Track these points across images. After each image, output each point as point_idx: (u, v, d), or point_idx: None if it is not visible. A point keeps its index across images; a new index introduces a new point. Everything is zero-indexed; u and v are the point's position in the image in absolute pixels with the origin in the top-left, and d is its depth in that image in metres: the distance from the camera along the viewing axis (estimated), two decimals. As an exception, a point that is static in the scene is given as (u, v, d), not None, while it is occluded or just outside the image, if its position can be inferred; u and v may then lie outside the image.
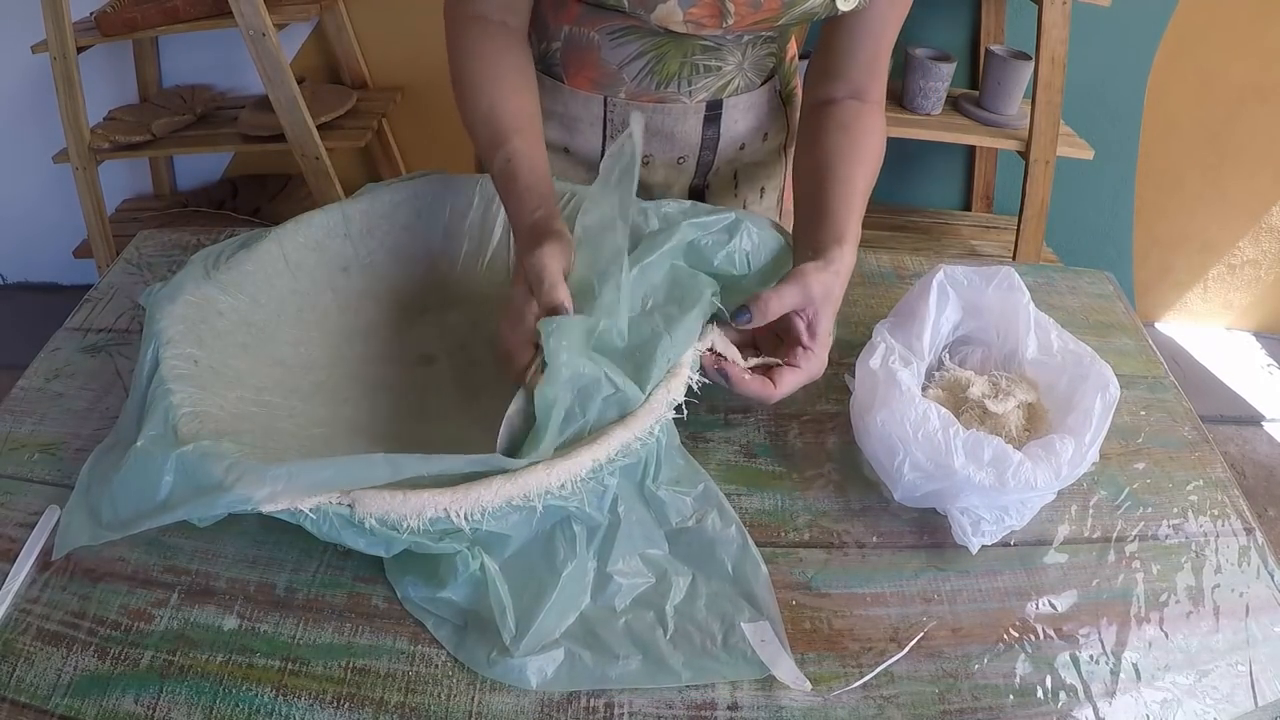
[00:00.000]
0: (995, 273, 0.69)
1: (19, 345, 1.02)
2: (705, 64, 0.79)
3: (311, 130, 1.68)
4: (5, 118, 1.98)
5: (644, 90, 0.80)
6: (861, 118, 0.76)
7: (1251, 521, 0.64)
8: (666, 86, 0.80)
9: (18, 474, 0.62)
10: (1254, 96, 1.90)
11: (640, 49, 0.78)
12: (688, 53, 0.78)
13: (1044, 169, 1.66)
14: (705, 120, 0.83)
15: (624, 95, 0.81)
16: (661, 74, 0.79)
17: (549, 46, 0.82)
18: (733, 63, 0.80)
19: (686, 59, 0.78)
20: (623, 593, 0.55)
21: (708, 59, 0.79)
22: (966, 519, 0.58)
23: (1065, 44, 1.55)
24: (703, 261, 0.67)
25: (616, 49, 0.78)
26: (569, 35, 0.79)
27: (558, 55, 0.81)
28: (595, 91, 0.82)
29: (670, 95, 0.81)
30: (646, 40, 0.77)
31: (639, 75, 0.79)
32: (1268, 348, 2.23)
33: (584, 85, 0.82)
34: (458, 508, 0.51)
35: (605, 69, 0.80)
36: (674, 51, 0.78)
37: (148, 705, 0.49)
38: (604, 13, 0.75)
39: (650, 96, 0.81)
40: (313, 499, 0.50)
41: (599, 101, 0.82)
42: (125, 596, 0.54)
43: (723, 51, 0.79)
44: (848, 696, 0.51)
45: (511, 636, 0.51)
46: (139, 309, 0.79)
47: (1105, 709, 0.51)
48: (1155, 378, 0.78)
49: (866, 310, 0.82)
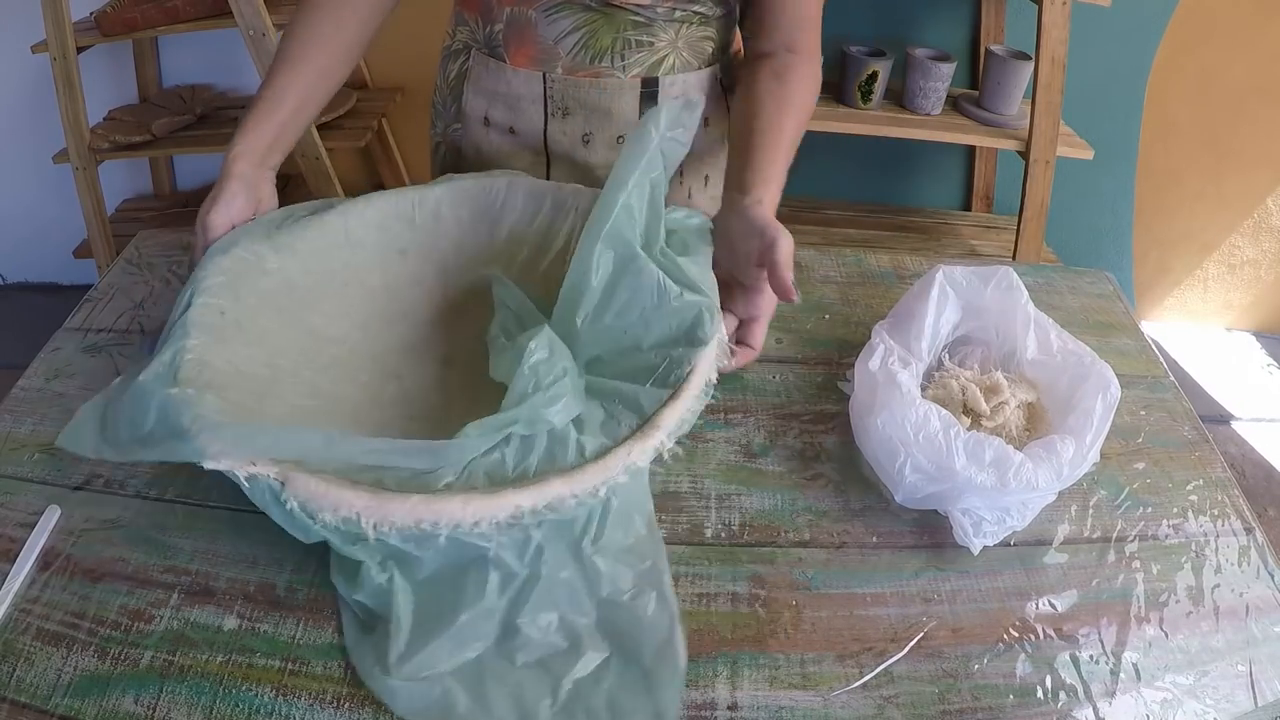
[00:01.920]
0: (994, 273, 0.69)
1: (19, 345, 1.02)
2: (637, 39, 0.82)
3: (311, 130, 1.68)
4: (5, 118, 1.98)
5: (579, 65, 0.83)
6: (792, 67, 0.80)
7: (1251, 521, 0.64)
8: (600, 60, 0.83)
9: (18, 474, 0.62)
10: (1254, 96, 1.90)
11: (574, 24, 0.81)
12: (620, 28, 0.81)
13: (1044, 169, 1.66)
14: (642, 97, 0.85)
15: (561, 70, 0.84)
16: (595, 48, 0.82)
17: (493, 29, 0.85)
18: (665, 40, 0.83)
19: (619, 34, 0.81)
20: (528, 649, 0.51)
21: (640, 34, 0.82)
22: (968, 520, 0.58)
23: (1065, 44, 1.55)
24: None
25: (552, 25, 0.81)
26: (510, 16, 0.83)
27: (500, 36, 0.85)
28: (534, 68, 0.84)
29: (605, 70, 0.83)
30: (579, 16, 0.81)
31: (573, 50, 0.82)
32: (1268, 348, 2.23)
33: (523, 63, 0.85)
34: (370, 515, 0.49)
35: (542, 45, 0.83)
36: (606, 27, 0.81)
37: (148, 705, 0.49)
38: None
39: (586, 71, 0.84)
40: (252, 467, 0.50)
41: (538, 78, 0.85)
42: (125, 596, 0.54)
43: (654, 28, 0.82)
44: (848, 696, 0.51)
45: (398, 656, 0.49)
46: (139, 309, 0.79)
47: (1105, 709, 0.51)
48: (1155, 378, 0.78)
49: (866, 310, 0.82)
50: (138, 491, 0.61)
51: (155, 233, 0.90)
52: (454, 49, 0.91)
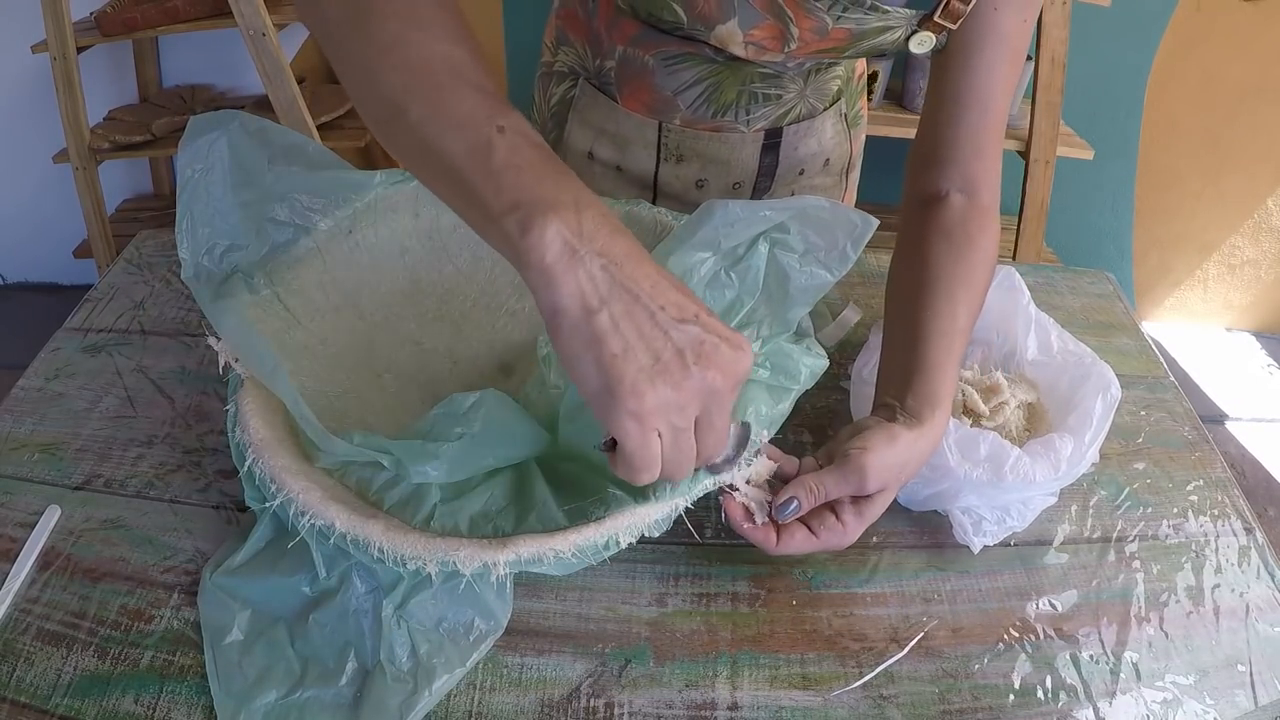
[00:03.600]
0: (995, 273, 0.69)
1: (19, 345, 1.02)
2: (764, 92, 0.75)
3: (311, 130, 1.68)
4: (5, 118, 1.98)
5: (700, 118, 0.78)
6: (970, 223, 0.63)
7: (1251, 521, 0.64)
8: (723, 115, 0.77)
9: (18, 474, 0.62)
10: (1254, 96, 1.90)
11: (696, 76, 0.74)
12: (745, 80, 0.74)
13: (1044, 169, 1.66)
14: (764, 149, 0.80)
15: (679, 122, 0.78)
16: (718, 103, 0.76)
17: (603, 64, 0.79)
18: (794, 90, 0.77)
19: (744, 87, 0.75)
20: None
21: (767, 87, 0.75)
22: (968, 519, 0.58)
23: (1065, 44, 1.56)
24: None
25: (671, 75, 0.75)
26: (623, 56, 0.76)
27: (612, 74, 0.78)
28: (649, 116, 0.79)
29: (727, 124, 0.78)
30: (703, 67, 0.73)
31: (694, 103, 0.76)
32: (1268, 348, 2.23)
33: (638, 108, 0.79)
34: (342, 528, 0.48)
35: (660, 94, 0.77)
36: (731, 79, 0.74)
37: (148, 705, 0.49)
38: (660, 35, 0.72)
39: (706, 125, 0.78)
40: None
41: (653, 126, 0.79)
42: (125, 596, 0.54)
43: (783, 79, 0.75)
44: (848, 696, 0.51)
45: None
46: (139, 309, 0.79)
47: (1105, 709, 0.51)
48: (1155, 378, 0.77)
49: (868, 311, 0.82)
50: (138, 491, 0.61)
51: (155, 233, 0.89)
52: (558, 70, 0.84)
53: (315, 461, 0.53)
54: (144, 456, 0.64)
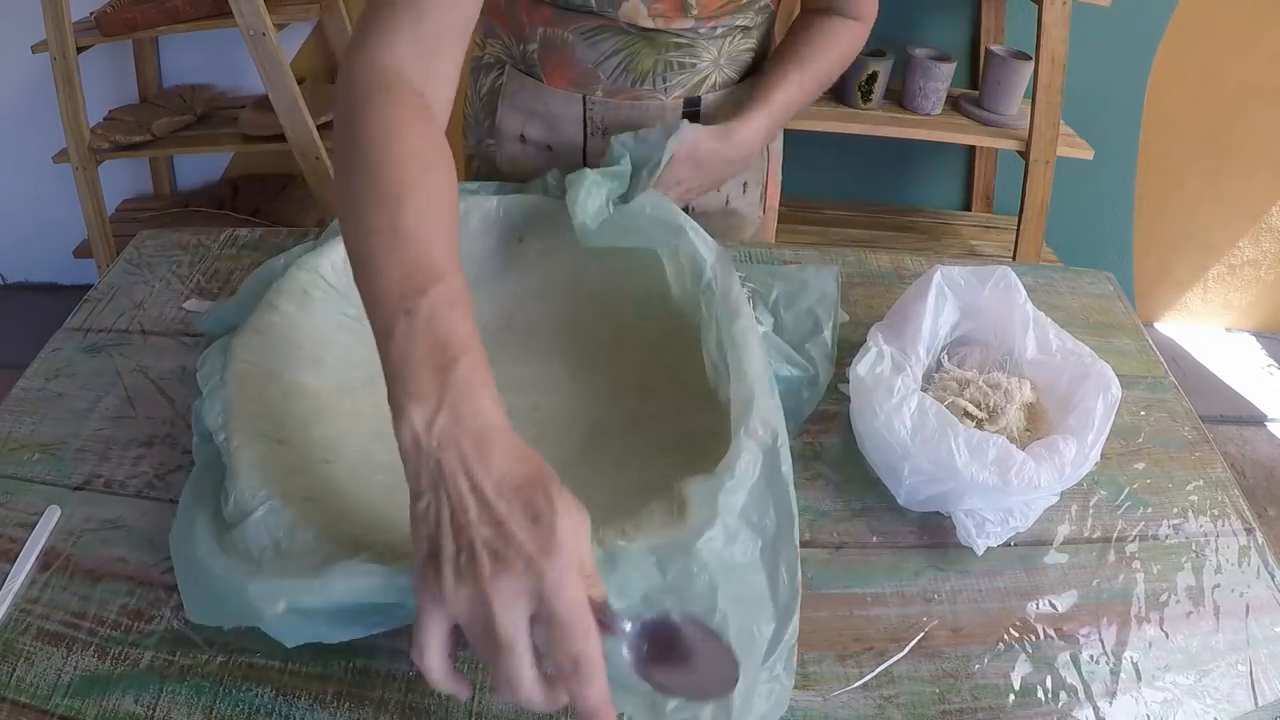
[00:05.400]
0: (992, 273, 0.69)
1: (19, 345, 1.02)
2: (680, 60, 0.80)
3: (312, 130, 1.68)
4: (5, 118, 1.98)
5: (620, 88, 0.82)
6: (835, 22, 0.83)
7: (1251, 521, 0.64)
8: (642, 84, 0.81)
9: (18, 474, 0.62)
10: (1254, 96, 1.90)
11: (614, 47, 0.78)
12: (661, 50, 0.79)
13: (1044, 169, 1.66)
14: (684, 117, 0.83)
15: (601, 93, 0.82)
16: (636, 72, 0.80)
17: (526, 48, 0.83)
18: (708, 59, 0.81)
19: (660, 56, 0.79)
20: None
21: (682, 56, 0.79)
22: (971, 521, 0.58)
23: (1065, 44, 1.55)
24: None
25: (590, 48, 0.79)
26: (544, 36, 0.80)
27: (535, 56, 0.82)
28: (573, 90, 0.83)
29: (646, 93, 0.82)
30: (619, 38, 0.78)
31: (613, 73, 0.80)
32: (1268, 348, 2.23)
33: (561, 84, 0.83)
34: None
35: (581, 68, 0.81)
36: (647, 49, 0.79)
37: (148, 705, 0.49)
38: (574, 14, 0.77)
39: (626, 94, 0.82)
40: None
41: (578, 100, 0.83)
42: (125, 596, 0.54)
43: (696, 48, 0.79)
44: (848, 696, 0.51)
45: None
46: (139, 309, 0.79)
47: (1105, 709, 0.51)
48: (1155, 378, 0.77)
49: (867, 311, 0.82)
50: (138, 491, 0.61)
51: (155, 233, 0.89)
52: (486, 62, 0.88)
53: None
54: (144, 456, 0.64)
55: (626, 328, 0.71)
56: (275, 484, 0.51)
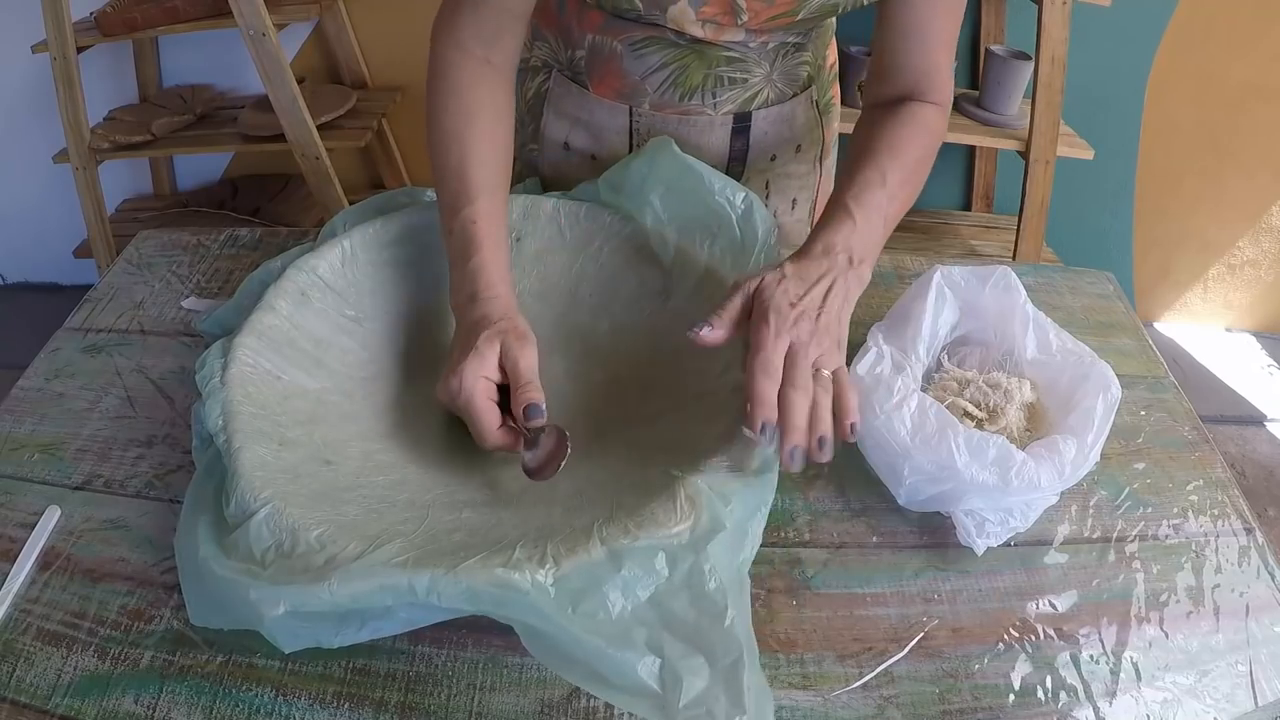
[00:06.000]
0: (991, 273, 0.69)
1: (19, 345, 1.02)
2: (730, 75, 0.77)
3: (311, 130, 1.68)
4: (5, 118, 1.98)
5: (667, 102, 0.79)
6: (914, 111, 0.71)
7: (1251, 521, 0.64)
8: (690, 99, 0.78)
9: (18, 474, 0.62)
10: (1254, 96, 1.90)
11: (663, 60, 0.76)
12: (711, 64, 0.76)
13: (1044, 169, 1.66)
14: (733, 133, 0.81)
15: (648, 106, 0.79)
16: (684, 86, 0.77)
17: (574, 54, 0.81)
18: (759, 74, 0.78)
19: (710, 70, 0.76)
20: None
21: (732, 70, 0.76)
22: (971, 521, 0.58)
23: (1065, 44, 1.55)
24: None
25: (638, 60, 0.76)
26: (592, 44, 0.78)
27: (582, 63, 0.80)
28: (620, 101, 0.80)
29: (694, 108, 0.79)
30: (668, 51, 0.75)
31: (661, 87, 0.78)
32: (1268, 348, 2.23)
33: (608, 94, 0.80)
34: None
35: (628, 79, 0.78)
36: (697, 63, 0.76)
37: (148, 705, 0.49)
38: (625, 22, 0.74)
39: (674, 109, 0.79)
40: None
41: (624, 111, 0.81)
42: (125, 596, 0.54)
43: (748, 62, 0.76)
44: (848, 696, 0.51)
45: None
46: (139, 309, 0.79)
47: (1105, 709, 0.51)
48: (1155, 378, 0.77)
49: (867, 311, 0.81)
50: (138, 491, 0.61)
51: (155, 233, 0.90)
52: (531, 64, 0.86)
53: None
54: (144, 456, 0.64)
55: (625, 327, 0.71)
56: (276, 486, 0.52)
